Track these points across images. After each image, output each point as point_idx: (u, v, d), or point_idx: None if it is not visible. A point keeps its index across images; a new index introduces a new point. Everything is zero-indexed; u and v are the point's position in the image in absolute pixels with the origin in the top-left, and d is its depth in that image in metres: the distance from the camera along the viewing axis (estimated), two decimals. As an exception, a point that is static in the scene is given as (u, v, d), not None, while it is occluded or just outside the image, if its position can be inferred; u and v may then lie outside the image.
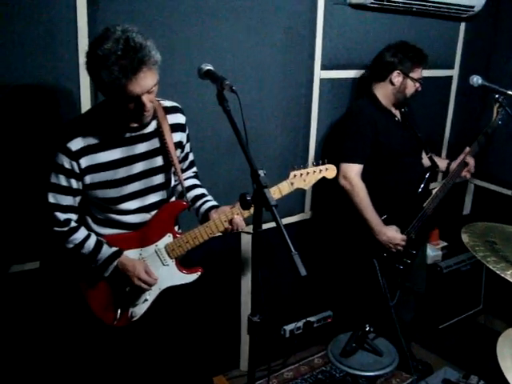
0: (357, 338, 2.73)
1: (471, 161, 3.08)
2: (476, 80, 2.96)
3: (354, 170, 2.89)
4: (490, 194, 4.06)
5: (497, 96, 2.89)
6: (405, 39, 3.03)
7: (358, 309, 3.25)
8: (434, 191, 3.04)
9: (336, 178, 2.74)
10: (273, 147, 2.99)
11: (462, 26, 3.74)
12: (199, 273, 2.22)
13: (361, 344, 2.74)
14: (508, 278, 1.72)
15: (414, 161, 3.11)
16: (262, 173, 1.63)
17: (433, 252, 3.79)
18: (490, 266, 1.76)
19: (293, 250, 1.50)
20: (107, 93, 1.90)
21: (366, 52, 3.19)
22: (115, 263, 2.07)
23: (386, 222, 2.95)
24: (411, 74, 2.93)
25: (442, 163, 3.22)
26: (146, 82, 1.84)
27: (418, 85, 2.97)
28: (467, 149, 3.09)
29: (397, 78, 2.94)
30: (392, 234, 2.91)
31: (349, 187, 2.90)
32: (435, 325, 3.83)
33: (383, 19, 3.25)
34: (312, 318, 3.57)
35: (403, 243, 2.93)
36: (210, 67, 1.93)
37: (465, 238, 1.98)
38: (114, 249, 2.08)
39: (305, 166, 2.26)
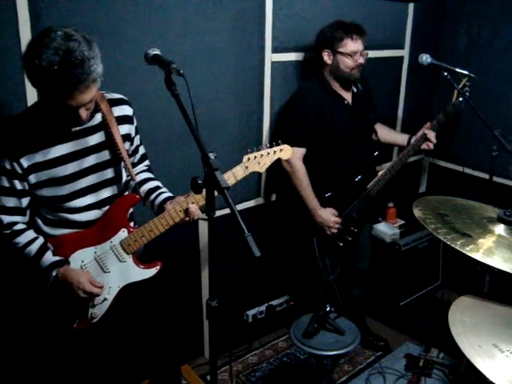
0: (318, 319, 2.75)
1: (431, 133, 3.08)
2: (425, 58, 2.98)
3: (296, 154, 2.87)
4: (444, 171, 4.13)
5: (445, 74, 2.92)
6: (355, 20, 3.00)
7: (314, 290, 3.30)
8: (379, 173, 3.08)
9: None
10: (227, 132, 2.97)
11: (411, 6, 3.77)
12: (158, 267, 2.18)
13: (322, 324, 2.76)
14: (458, 248, 1.76)
15: (364, 144, 3.12)
16: (212, 155, 1.62)
17: (391, 230, 3.84)
18: (441, 237, 1.79)
19: (246, 232, 1.49)
20: (43, 98, 1.85)
21: (316, 34, 3.17)
22: (54, 273, 1.99)
23: (331, 200, 2.99)
24: (340, 49, 2.87)
25: (402, 139, 3.24)
26: (83, 98, 1.79)
27: (354, 58, 2.88)
28: (428, 124, 3.11)
29: (327, 56, 2.93)
30: (326, 217, 2.95)
31: (289, 169, 2.93)
32: (396, 302, 3.88)
33: (333, 0, 3.24)
34: (274, 302, 3.58)
35: (337, 226, 2.98)
36: (157, 52, 1.88)
37: (416, 212, 2.01)
38: (56, 258, 2.02)
39: (258, 149, 2.24)
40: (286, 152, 2.32)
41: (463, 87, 3.01)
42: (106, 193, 2.11)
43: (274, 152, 2.28)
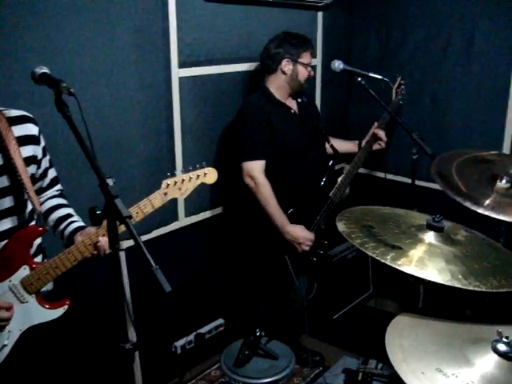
0: (249, 345, 2.60)
1: (380, 132, 3.09)
2: (338, 65, 2.94)
3: (256, 168, 2.83)
4: (366, 179, 4.10)
5: (359, 79, 2.87)
6: (265, 31, 3.00)
7: (250, 313, 3.15)
8: (338, 179, 3.04)
9: (241, 177, 2.83)
10: (135, 154, 2.76)
11: (320, 15, 3.74)
12: (66, 306, 1.94)
13: (254, 350, 2.61)
14: (388, 262, 1.65)
15: (317, 152, 3.09)
16: (110, 181, 1.48)
17: (318, 243, 3.75)
18: (369, 253, 1.67)
19: (153, 265, 1.36)
20: None
21: (227, 46, 3.10)
22: None
23: (293, 216, 2.90)
24: (301, 59, 2.91)
25: (352, 145, 3.23)
26: None
27: (309, 69, 2.95)
28: (375, 123, 3.12)
29: (287, 66, 2.91)
30: (297, 233, 2.86)
31: (253, 185, 2.84)
32: (329, 316, 3.80)
33: (240, 11, 3.15)
34: (203, 330, 3.39)
35: (309, 242, 2.89)
36: (45, 70, 1.70)
37: (340, 226, 1.88)
38: None
39: (185, 171, 2.03)
40: (210, 176, 2.10)
41: (399, 86, 3.10)
42: (5, 224, 1.86)
43: (198, 176, 2.06)
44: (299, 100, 3.08)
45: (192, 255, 3.25)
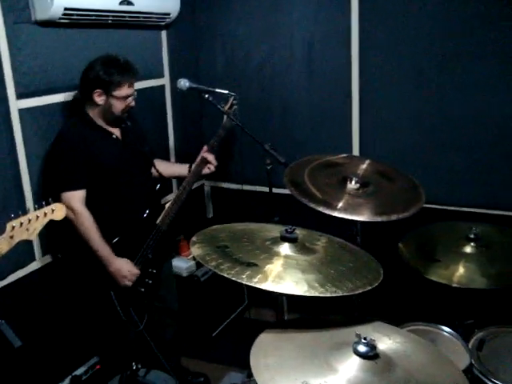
0: (126, 380, 2.50)
1: (209, 156, 3.02)
2: (183, 83, 2.94)
3: (75, 198, 2.66)
4: (226, 192, 4.11)
5: (207, 96, 2.89)
6: (108, 54, 2.83)
7: (123, 347, 3.02)
8: (166, 206, 2.95)
9: None
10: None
11: (164, 33, 3.73)
12: None
13: (132, 385, 2.52)
14: (245, 282, 1.64)
15: (144, 178, 2.98)
16: None
17: (186, 264, 3.71)
18: (225, 274, 1.66)
19: None
20: None
21: (68, 73, 2.97)
22: None
23: (118, 246, 2.77)
24: (115, 93, 2.70)
25: (182, 169, 3.13)
26: None
27: (126, 101, 2.76)
28: (205, 147, 3.04)
29: (99, 97, 2.71)
30: (121, 265, 2.74)
31: (72, 217, 2.65)
32: (208, 334, 3.76)
33: (80, 35, 3.04)
34: (78, 371, 3.19)
35: (132, 277, 2.79)
36: None
37: (195, 250, 1.85)
38: None
39: (25, 213, 1.93)
40: (58, 212, 2.03)
41: (231, 106, 3.02)
42: None
43: (45, 214, 1.98)
44: (123, 125, 2.90)
45: (55, 295, 3.06)
